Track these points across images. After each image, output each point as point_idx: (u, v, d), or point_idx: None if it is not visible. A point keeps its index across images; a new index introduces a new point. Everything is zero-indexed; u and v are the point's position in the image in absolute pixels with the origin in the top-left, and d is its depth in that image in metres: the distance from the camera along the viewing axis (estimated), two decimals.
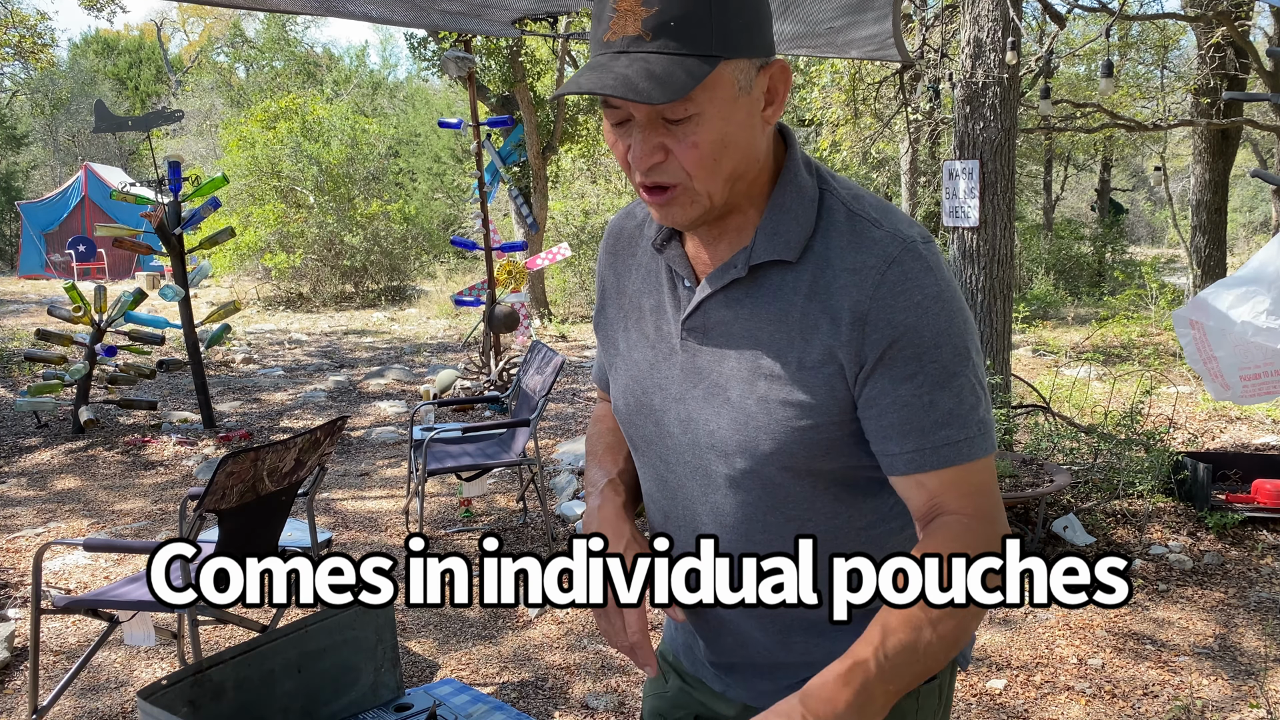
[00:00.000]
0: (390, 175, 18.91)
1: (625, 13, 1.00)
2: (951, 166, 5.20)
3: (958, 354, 1.06)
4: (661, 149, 1.03)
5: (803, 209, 1.10)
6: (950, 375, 1.06)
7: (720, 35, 0.99)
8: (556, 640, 3.56)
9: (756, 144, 1.08)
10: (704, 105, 1.01)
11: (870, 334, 1.05)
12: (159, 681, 1.33)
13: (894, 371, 1.05)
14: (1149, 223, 33.85)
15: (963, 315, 1.07)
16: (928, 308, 1.05)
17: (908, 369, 1.05)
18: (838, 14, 4.08)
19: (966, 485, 1.08)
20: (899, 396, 1.06)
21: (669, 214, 1.08)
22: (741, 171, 1.07)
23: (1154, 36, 13.68)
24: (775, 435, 1.10)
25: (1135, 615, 3.66)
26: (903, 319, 1.04)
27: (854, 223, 1.09)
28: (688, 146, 1.02)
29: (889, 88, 11.37)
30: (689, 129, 1.02)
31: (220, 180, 6.82)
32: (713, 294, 1.13)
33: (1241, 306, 3.10)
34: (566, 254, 8.33)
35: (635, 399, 1.23)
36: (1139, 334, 10.07)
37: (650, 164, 1.04)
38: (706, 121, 1.02)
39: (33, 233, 20.06)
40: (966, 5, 5.20)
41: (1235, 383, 3.19)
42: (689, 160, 1.03)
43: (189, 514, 2.77)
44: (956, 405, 1.06)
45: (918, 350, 1.05)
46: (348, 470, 5.87)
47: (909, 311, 1.04)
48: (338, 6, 3.79)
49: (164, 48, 35.67)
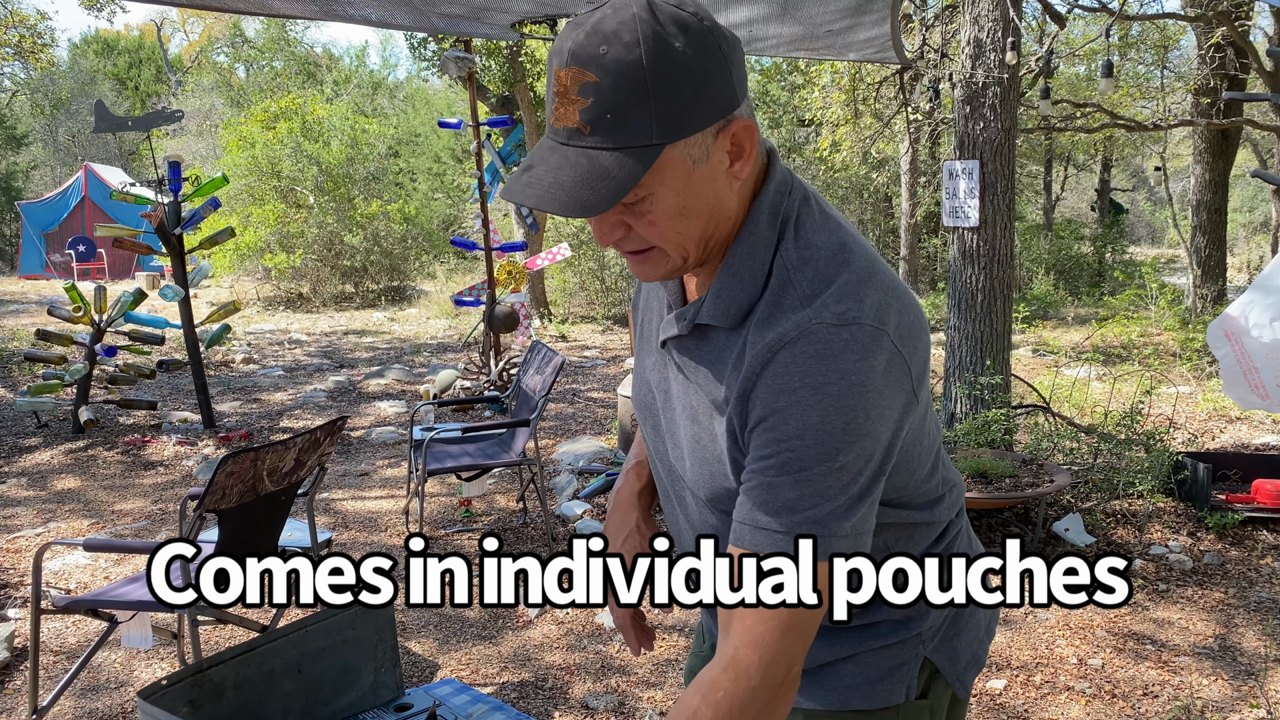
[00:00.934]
0: (390, 175, 18.91)
1: (566, 101, 0.97)
2: (951, 166, 5.21)
3: (820, 450, 0.99)
4: (621, 225, 1.03)
5: (751, 273, 1.07)
6: (802, 468, 0.99)
7: (662, 122, 0.96)
8: (556, 640, 3.56)
9: (724, 203, 1.05)
10: (654, 187, 0.99)
11: (750, 411, 1.04)
12: (159, 681, 1.33)
13: (757, 450, 1.03)
14: (1149, 223, 33.86)
15: (847, 412, 0.99)
16: (802, 397, 0.99)
17: (765, 450, 1.02)
18: (838, 16, 4.09)
19: (749, 576, 1.02)
20: (753, 470, 1.03)
21: (644, 272, 1.08)
22: (711, 231, 1.06)
23: (1154, 36, 13.68)
24: (692, 474, 1.14)
25: (1135, 615, 3.66)
26: (774, 402, 1.01)
27: (784, 294, 1.05)
28: (646, 224, 1.02)
29: (889, 88, 11.37)
30: (644, 208, 1.01)
31: (220, 180, 6.82)
32: (672, 336, 1.16)
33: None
34: (566, 254, 8.33)
35: (640, 400, 1.27)
36: (1139, 334, 10.07)
37: (612, 240, 1.04)
38: (660, 201, 1.00)
39: (33, 233, 20.06)
40: (966, 5, 5.20)
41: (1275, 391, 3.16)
42: (650, 234, 1.03)
43: (189, 514, 2.77)
44: (796, 500, 1.00)
45: (777, 435, 1.01)
46: (348, 470, 5.87)
47: (781, 395, 1.00)
48: (337, 10, 3.79)
49: (164, 48, 35.68)
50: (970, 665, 1.27)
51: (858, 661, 1.21)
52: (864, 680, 1.21)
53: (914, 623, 1.21)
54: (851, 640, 1.21)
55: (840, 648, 1.21)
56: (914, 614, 1.21)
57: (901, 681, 1.21)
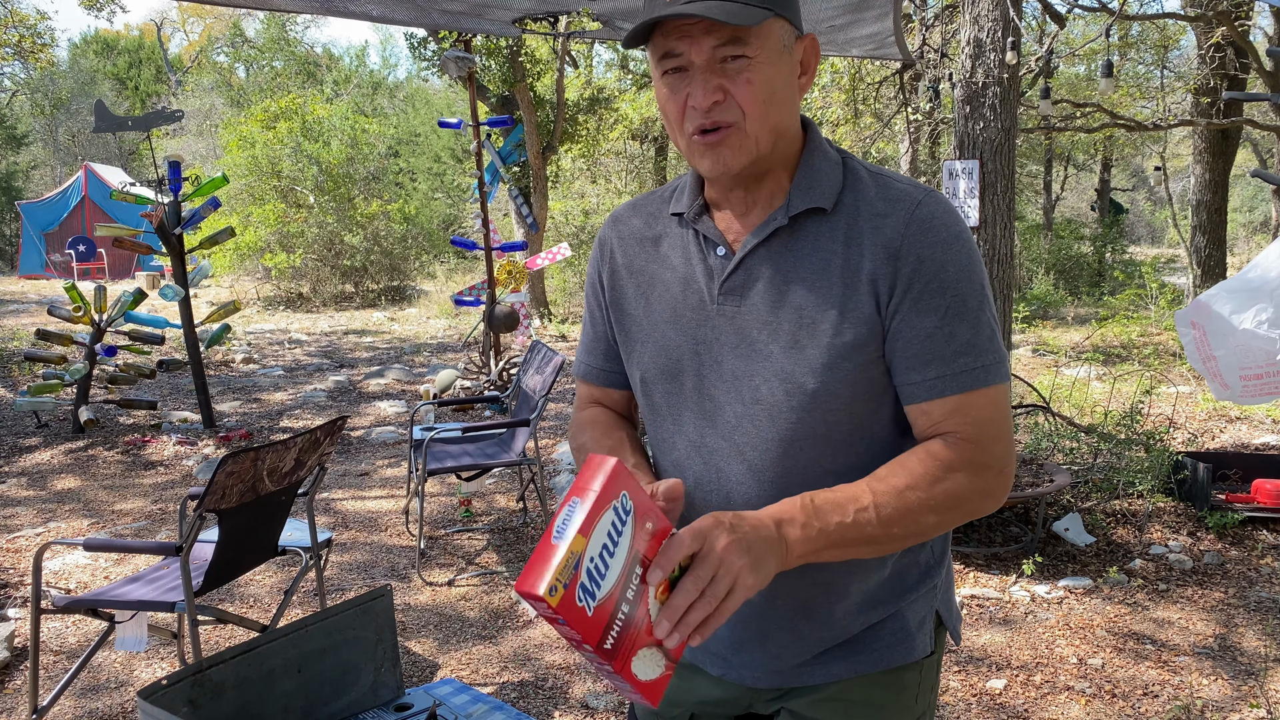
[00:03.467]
0: (390, 175, 18.90)
1: None
2: (951, 166, 5.21)
3: (975, 289, 1.15)
4: (720, 89, 1.12)
5: (830, 169, 1.20)
6: (968, 308, 1.14)
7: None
8: (556, 640, 3.56)
9: (794, 104, 1.18)
10: (757, 50, 1.11)
11: (901, 267, 1.13)
12: (159, 681, 1.33)
13: (920, 304, 1.13)
14: (1149, 223, 33.85)
15: (979, 257, 1.17)
16: (950, 244, 1.14)
17: (931, 302, 1.13)
18: (839, 12, 4.09)
19: (971, 411, 1.14)
20: (922, 328, 1.13)
21: (720, 155, 1.14)
22: (783, 127, 1.17)
23: (1154, 36, 13.68)
24: (821, 378, 1.15)
25: (1135, 615, 3.66)
26: (929, 253, 1.13)
27: (878, 179, 1.20)
28: (743, 83, 1.11)
29: (889, 87, 11.37)
30: (743, 67, 1.11)
31: (220, 180, 6.82)
32: (754, 249, 1.20)
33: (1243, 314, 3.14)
34: (566, 254, 8.32)
35: (667, 366, 1.27)
36: (1139, 334, 10.07)
37: (711, 102, 1.11)
38: (758, 65, 1.11)
39: (33, 233, 20.06)
40: (966, 5, 5.19)
41: (1235, 382, 3.23)
42: (745, 97, 1.11)
43: (189, 514, 2.77)
44: (974, 336, 1.14)
45: (941, 283, 1.13)
46: (348, 470, 5.87)
47: (935, 247, 1.13)
48: (339, 6, 3.79)
49: (164, 48, 35.67)
50: (959, 617, 1.37)
51: (895, 619, 1.27)
52: (902, 636, 1.27)
53: (934, 572, 1.30)
54: (891, 597, 1.26)
55: (882, 608, 1.26)
56: (934, 561, 1.30)
57: (927, 633, 1.29)
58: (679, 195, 1.29)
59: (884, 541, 1.11)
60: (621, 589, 0.97)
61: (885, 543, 1.11)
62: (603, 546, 0.96)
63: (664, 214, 1.31)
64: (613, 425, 1.37)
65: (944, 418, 1.14)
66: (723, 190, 1.23)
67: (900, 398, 1.17)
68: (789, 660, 1.26)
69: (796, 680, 1.27)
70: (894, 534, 1.11)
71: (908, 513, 1.10)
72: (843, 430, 1.18)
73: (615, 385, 1.41)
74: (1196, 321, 3.26)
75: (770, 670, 1.27)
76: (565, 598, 0.93)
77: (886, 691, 1.27)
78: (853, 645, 1.26)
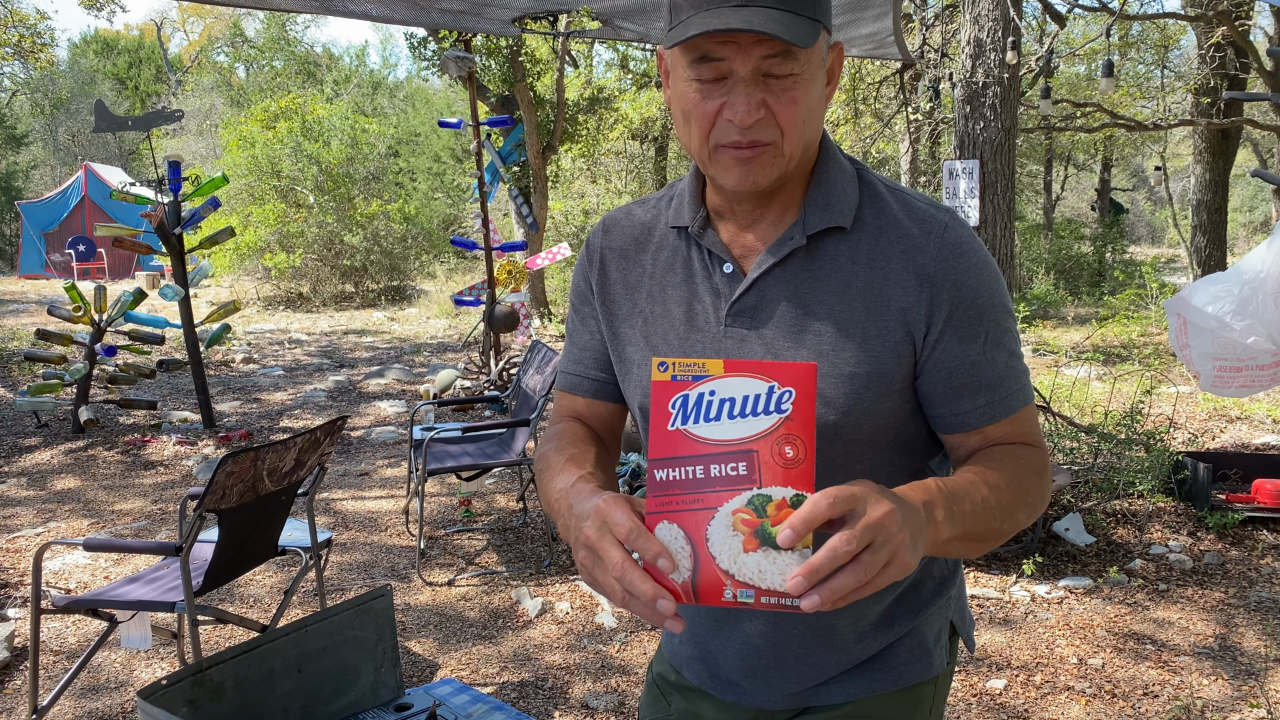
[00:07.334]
0: (390, 175, 18.89)
1: None
2: (951, 166, 5.20)
3: (1006, 312, 1.15)
4: (763, 105, 1.04)
5: (846, 183, 1.15)
6: (1003, 332, 1.14)
7: (821, 3, 1.05)
8: (556, 640, 3.56)
9: (822, 118, 1.12)
10: (804, 67, 1.04)
11: (937, 295, 1.10)
12: (159, 681, 1.33)
13: (961, 333, 1.11)
14: (1149, 223, 33.86)
15: (1003, 283, 1.16)
16: (982, 270, 1.12)
17: (972, 329, 1.11)
18: (838, 11, 4.09)
19: (1020, 426, 1.16)
20: (967, 356, 1.11)
21: (751, 172, 1.07)
22: (812, 142, 1.11)
23: (1154, 36, 13.68)
24: (842, 410, 1.10)
25: (1135, 615, 3.66)
26: (965, 280, 1.10)
27: (898, 196, 1.15)
28: (787, 102, 1.04)
29: (889, 87, 11.37)
30: (790, 85, 1.04)
31: (220, 180, 6.82)
32: (769, 269, 1.13)
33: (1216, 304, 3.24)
34: (566, 254, 8.32)
35: None
36: (1139, 334, 10.07)
37: (754, 119, 1.04)
38: (803, 83, 1.04)
39: (33, 232, 20.05)
40: (966, 5, 5.19)
41: (1208, 371, 3.32)
42: (786, 117, 1.05)
43: (189, 514, 2.77)
44: (1010, 359, 1.14)
45: (979, 310, 1.11)
46: (348, 470, 5.87)
47: (969, 273, 1.11)
48: (339, 6, 3.79)
49: (164, 47, 35.67)
50: (972, 623, 1.35)
51: (913, 635, 1.25)
52: (920, 652, 1.25)
53: (948, 584, 1.28)
54: (908, 614, 1.24)
55: (899, 625, 1.24)
56: (948, 573, 1.28)
57: (943, 647, 1.27)
58: (677, 204, 1.21)
59: (992, 538, 1.07)
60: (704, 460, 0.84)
61: (993, 539, 1.07)
62: (731, 399, 0.84)
63: (660, 223, 1.23)
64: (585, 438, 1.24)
65: (999, 439, 1.14)
66: (730, 200, 1.16)
67: (939, 425, 1.14)
68: (805, 683, 1.23)
69: (813, 700, 1.24)
70: (1003, 529, 1.07)
71: (1009, 508, 1.07)
72: (864, 461, 1.13)
73: (606, 398, 1.29)
74: (1180, 311, 3.41)
75: (786, 694, 1.25)
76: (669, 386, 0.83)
77: (902, 708, 1.24)
78: (870, 665, 1.23)
